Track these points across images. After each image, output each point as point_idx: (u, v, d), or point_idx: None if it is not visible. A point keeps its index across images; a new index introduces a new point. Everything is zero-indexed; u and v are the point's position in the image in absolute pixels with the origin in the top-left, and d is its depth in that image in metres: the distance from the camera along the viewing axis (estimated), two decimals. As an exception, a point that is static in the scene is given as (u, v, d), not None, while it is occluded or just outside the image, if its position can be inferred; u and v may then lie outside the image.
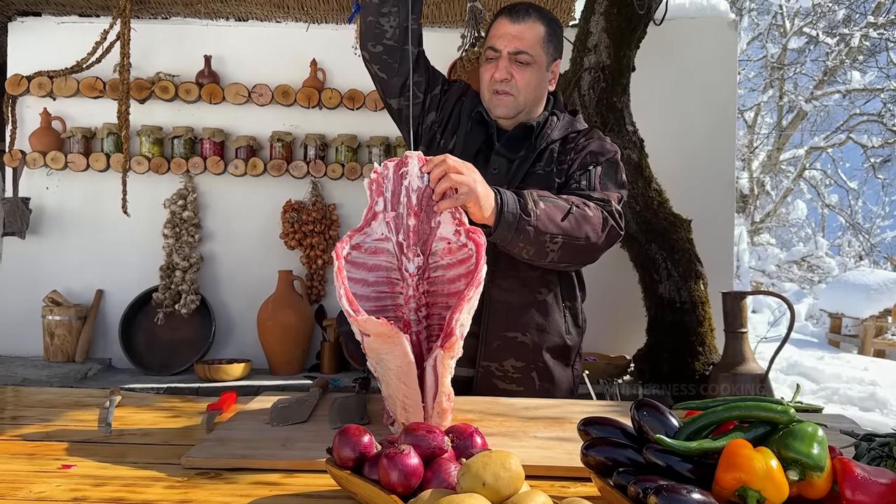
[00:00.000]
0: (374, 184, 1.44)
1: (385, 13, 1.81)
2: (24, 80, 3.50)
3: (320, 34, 3.67)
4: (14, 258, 3.60)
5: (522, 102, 1.82)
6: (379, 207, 1.43)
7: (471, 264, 1.38)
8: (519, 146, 1.85)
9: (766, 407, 1.00)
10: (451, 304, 1.39)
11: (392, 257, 1.43)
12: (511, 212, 1.56)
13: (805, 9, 12.51)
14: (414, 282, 1.42)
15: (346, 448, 1.05)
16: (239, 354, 3.59)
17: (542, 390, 1.82)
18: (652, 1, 3.12)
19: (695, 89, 3.68)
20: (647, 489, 0.88)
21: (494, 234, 1.56)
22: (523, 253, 1.63)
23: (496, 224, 1.55)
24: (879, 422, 4.89)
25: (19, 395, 1.78)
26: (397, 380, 1.30)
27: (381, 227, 1.43)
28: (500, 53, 1.80)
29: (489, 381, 1.80)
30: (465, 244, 1.40)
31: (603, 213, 1.71)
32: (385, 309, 1.42)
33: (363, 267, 1.42)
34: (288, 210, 3.58)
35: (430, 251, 1.43)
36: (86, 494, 1.07)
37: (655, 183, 3.24)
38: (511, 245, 1.61)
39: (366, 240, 1.43)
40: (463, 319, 1.30)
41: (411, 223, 1.43)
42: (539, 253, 1.63)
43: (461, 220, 1.42)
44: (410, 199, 1.43)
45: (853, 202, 14.85)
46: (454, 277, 1.41)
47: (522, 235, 1.58)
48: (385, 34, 1.82)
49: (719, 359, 2.89)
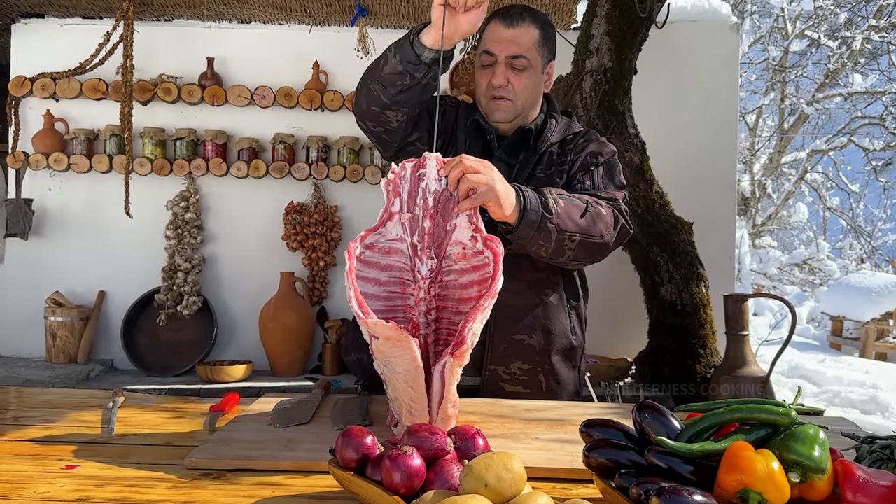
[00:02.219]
0: (391, 184, 1.42)
1: (393, 108, 1.74)
2: (28, 82, 3.51)
3: (323, 36, 3.68)
4: (17, 259, 3.61)
5: (520, 106, 1.82)
6: (395, 208, 1.42)
7: (485, 272, 1.36)
8: (518, 150, 1.85)
9: (768, 409, 1.00)
10: (462, 309, 1.38)
11: (406, 258, 1.42)
12: (534, 209, 1.53)
13: (807, 12, 12.52)
14: (426, 284, 1.41)
15: (349, 449, 1.05)
16: (240, 356, 3.59)
17: (548, 392, 1.81)
18: (654, 4, 3.13)
19: (696, 92, 3.68)
20: (648, 491, 0.88)
21: (516, 232, 1.54)
22: (541, 251, 1.61)
23: (518, 222, 1.52)
24: (881, 425, 4.89)
25: (22, 395, 1.78)
26: (404, 383, 1.30)
27: (397, 227, 1.42)
28: (496, 58, 1.79)
29: (496, 384, 1.79)
30: (482, 251, 1.38)
31: (614, 211, 1.70)
32: (395, 309, 1.42)
33: (376, 266, 1.41)
34: (290, 212, 3.58)
35: (445, 255, 1.41)
36: (89, 495, 1.07)
37: (657, 185, 3.25)
38: (530, 243, 1.58)
39: (380, 239, 1.41)
40: (475, 329, 1.29)
41: (427, 225, 1.41)
42: (557, 251, 1.61)
43: (478, 225, 1.40)
44: (427, 201, 1.41)
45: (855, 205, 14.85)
46: (467, 283, 1.39)
47: (543, 233, 1.56)
48: (389, 123, 1.77)
49: (720, 361, 2.89)
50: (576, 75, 3.21)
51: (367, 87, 1.74)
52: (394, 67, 1.67)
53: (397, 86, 1.68)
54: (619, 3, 3.12)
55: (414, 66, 1.65)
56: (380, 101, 1.72)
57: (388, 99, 1.71)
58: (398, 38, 1.71)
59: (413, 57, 1.64)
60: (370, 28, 3.59)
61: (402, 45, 1.66)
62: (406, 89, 1.69)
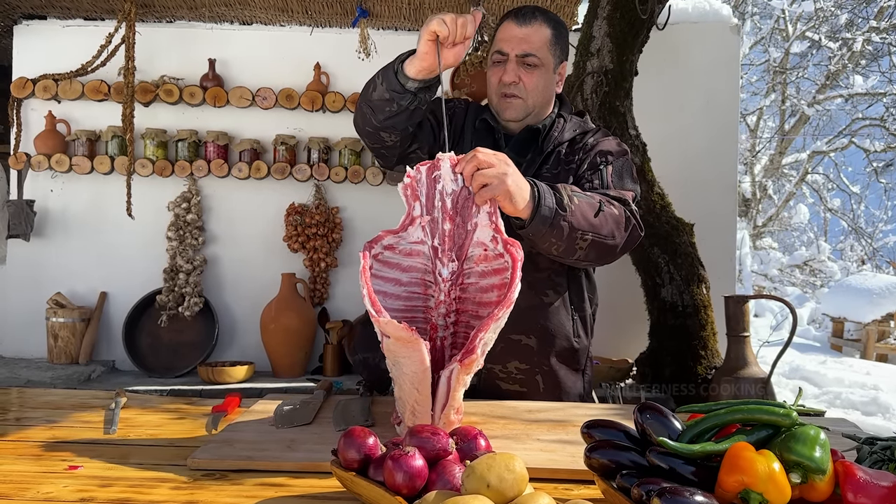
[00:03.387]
0: (409, 188, 1.41)
1: (385, 130, 1.74)
2: (30, 83, 3.52)
3: (324, 38, 3.68)
4: (18, 260, 3.61)
5: (531, 105, 1.82)
6: (416, 212, 1.41)
7: (505, 276, 1.34)
8: (526, 149, 1.84)
9: (769, 410, 1.01)
10: (481, 312, 1.37)
11: (427, 260, 1.41)
12: (548, 205, 1.51)
13: (807, 13, 12.52)
14: (446, 287, 1.40)
15: (351, 450, 1.05)
16: (242, 357, 3.60)
17: (546, 394, 1.80)
18: (655, 5, 3.13)
19: (697, 94, 3.69)
20: (650, 491, 0.88)
21: (528, 227, 1.52)
22: (552, 248, 1.58)
23: (531, 217, 1.50)
24: (881, 426, 4.89)
25: (24, 396, 1.78)
26: (410, 385, 1.30)
27: (418, 231, 1.41)
28: (507, 56, 1.79)
29: (492, 381, 1.79)
30: (502, 254, 1.36)
31: (625, 212, 1.68)
32: (415, 309, 1.41)
33: (397, 267, 1.41)
34: (291, 213, 3.59)
35: (466, 256, 1.40)
36: (93, 495, 1.07)
37: (658, 187, 3.25)
38: (542, 240, 1.56)
39: (401, 242, 1.41)
40: (487, 338, 1.28)
41: (447, 227, 1.40)
42: (569, 250, 1.59)
43: (498, 225, 1.38)
44: (445, 202, 1.40)
45: (855, 206, 14.83)
46: (487, 287, 1.38)
47: (556, 231, 1.53)
48: (384, 142, 1.78)
49: (721, 362, 2.89)
50: (577, 77, 3.21)
51: (361, 110, 1.75)
52: (381, 94, 1.67)
53: (385, 111, 1.69)
54: (620, 4, 3.13)
55: (399, 94, 1.65)
56: (371, 123, 1.73)
57: (377, 123, 1.72)
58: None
59: (398, 86, 1.64)
60: (371, 29, 3.59)
61: (387, 73, 1.66)
62: (393, 115, 1.69)
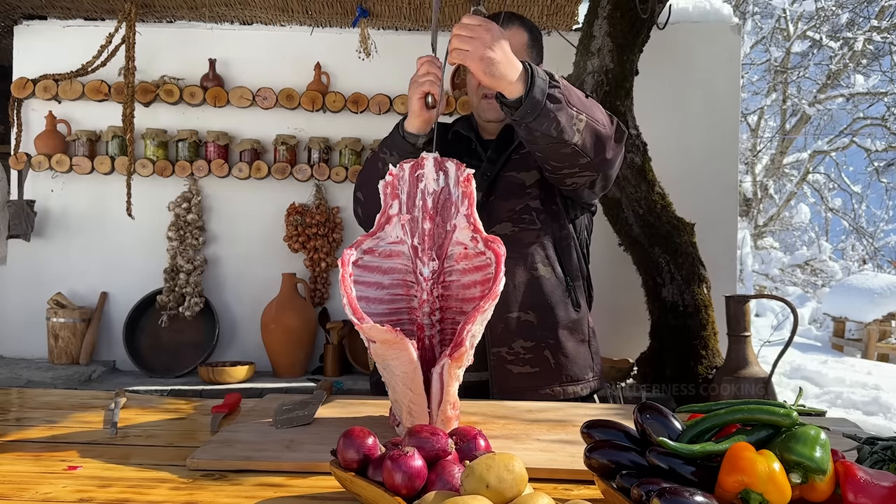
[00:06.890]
0: (389, 186, 1.41)
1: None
2: (30, 83, 3.52)
3: (325, 38, 3.68)
4: (19, 260, 3.61)
5: None
6: (393, 210, 1.41)
7: (488, 272, 1.35)
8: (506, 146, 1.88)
9: (769, 410, 1.00)
10: (465, 309, 1.37)
11: (407, 260, 1.41)
12: (542, 78, 1.50)
13: (808, 13, 12.51)
14: (428, 286, 1.40)
15: (351, 450, 1.05)
16: (242, 357, 3.60)
17: (557, 368, 1.79)
18: (655, 5, 3.13)
19: (698, 93, 3.68)
20: (650, 492, 0.88)
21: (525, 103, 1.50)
22: (552, 129, 1.54)
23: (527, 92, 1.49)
24: (882, 426, 4.88)
25: (24, 396, 1.78)
26: (403, 385, 1.30)
27: (397, 230, 1.41)
28: None
29: (502, 368, 1.78)
30: (483, 252, 1.36)
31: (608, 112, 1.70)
32: (399, 311, 1.41)
33: (377, 270, 1.41)
34: (292, 213, 3.59)
35: (446, 255, 1.40)
36: (92, 495, 1.07)
37: (658, 186, 3.25)
38: (539, 121, 1.53)
39: (379, 243, 1.40)
40: (475, 331, 1.28)
41: (427, 227, 1.40)
42: (567, 130, 1.56)
43: (476, 226, 1.38)
44: (426, 202, 1.40)
45: (857, 206, 14.81)
46: (469, 283, 1.38)
47: (554, 105, 1.51)
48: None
49: (722, 362, 2.89)
50: (577, 76, 3.21)
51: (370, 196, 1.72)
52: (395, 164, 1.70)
53: None
54: (621, 4, 3.12)
55: (411, 153, 1.67)
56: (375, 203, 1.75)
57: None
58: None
59: (409, 147, 1.69)
60: (372, 29, 3.59)
61: (395, 142, 1.71)
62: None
